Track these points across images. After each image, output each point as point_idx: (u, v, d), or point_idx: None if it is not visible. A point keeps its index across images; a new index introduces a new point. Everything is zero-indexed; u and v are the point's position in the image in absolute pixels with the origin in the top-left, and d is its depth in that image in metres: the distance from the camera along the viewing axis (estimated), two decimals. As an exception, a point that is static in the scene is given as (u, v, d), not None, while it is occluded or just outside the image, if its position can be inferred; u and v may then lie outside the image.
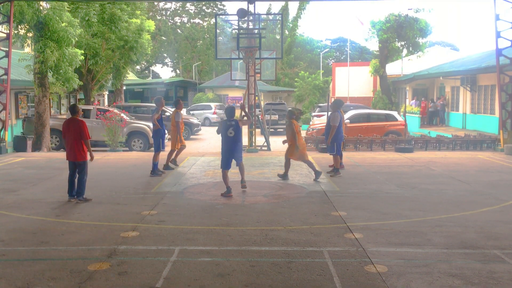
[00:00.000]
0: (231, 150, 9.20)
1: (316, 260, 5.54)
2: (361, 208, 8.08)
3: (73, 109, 8.76)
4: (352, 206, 8.13)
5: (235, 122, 9.13)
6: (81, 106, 21.18)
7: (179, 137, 12.19)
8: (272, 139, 19.73)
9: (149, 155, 16.23)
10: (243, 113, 10.06)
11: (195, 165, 13.06)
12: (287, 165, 10.98)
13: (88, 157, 8.64)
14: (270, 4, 56.45)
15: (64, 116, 19.63)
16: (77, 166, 8.62)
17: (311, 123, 24.91)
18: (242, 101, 18.68)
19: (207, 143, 21.80)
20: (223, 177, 9.21)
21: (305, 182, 10.58)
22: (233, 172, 12.13)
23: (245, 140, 17.54)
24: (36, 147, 16.89)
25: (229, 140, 9.14)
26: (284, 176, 10.94)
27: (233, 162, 9.37)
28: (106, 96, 32.80)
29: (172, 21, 64.83)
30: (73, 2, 18.47)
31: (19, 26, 16.73)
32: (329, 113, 11.82)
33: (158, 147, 11.59)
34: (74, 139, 8.49)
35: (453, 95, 27.71)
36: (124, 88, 30.89)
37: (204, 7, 62.81)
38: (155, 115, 11.42)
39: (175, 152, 12.38)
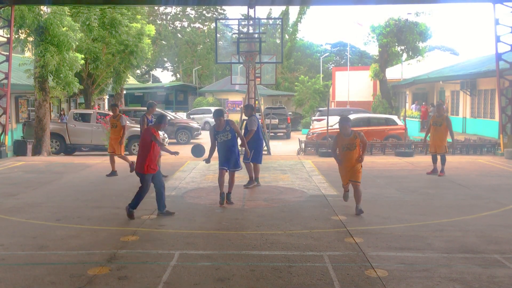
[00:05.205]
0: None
1: (316, 265, 5.52)
2: (361, 212, 8.06)
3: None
4: (352, 210, 8.11)
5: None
6: (81, 111, 21.26)
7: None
8: (272, 143, 19.74)
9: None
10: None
11: (195, 169, 13.04)
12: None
13: (148, 171, 7.53)
14: (271, 9, 56.65)
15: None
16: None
17: (311, 127, 24.93)
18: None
19: (207, 147, 21.71)
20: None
21: (305, 186, 10.57)
22: (237, 176, 12.14)
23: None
24: (36, 151, 16.89)
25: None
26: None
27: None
28: (106, 100, 32.86)
29: (172, 26, 65.02)
30: (74, 6, 18.53)
31: (20, 31, 16.78)
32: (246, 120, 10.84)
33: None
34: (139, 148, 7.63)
35: (453, 99, 27.75)
36: (124, 92, 30.92)
37: (204, 12, 62.99)
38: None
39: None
